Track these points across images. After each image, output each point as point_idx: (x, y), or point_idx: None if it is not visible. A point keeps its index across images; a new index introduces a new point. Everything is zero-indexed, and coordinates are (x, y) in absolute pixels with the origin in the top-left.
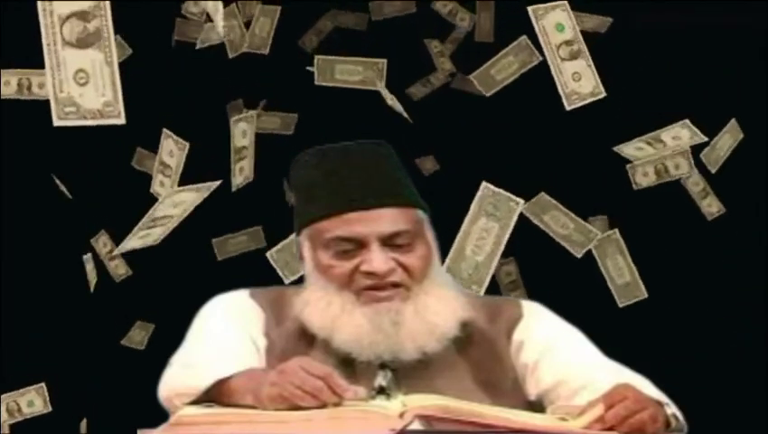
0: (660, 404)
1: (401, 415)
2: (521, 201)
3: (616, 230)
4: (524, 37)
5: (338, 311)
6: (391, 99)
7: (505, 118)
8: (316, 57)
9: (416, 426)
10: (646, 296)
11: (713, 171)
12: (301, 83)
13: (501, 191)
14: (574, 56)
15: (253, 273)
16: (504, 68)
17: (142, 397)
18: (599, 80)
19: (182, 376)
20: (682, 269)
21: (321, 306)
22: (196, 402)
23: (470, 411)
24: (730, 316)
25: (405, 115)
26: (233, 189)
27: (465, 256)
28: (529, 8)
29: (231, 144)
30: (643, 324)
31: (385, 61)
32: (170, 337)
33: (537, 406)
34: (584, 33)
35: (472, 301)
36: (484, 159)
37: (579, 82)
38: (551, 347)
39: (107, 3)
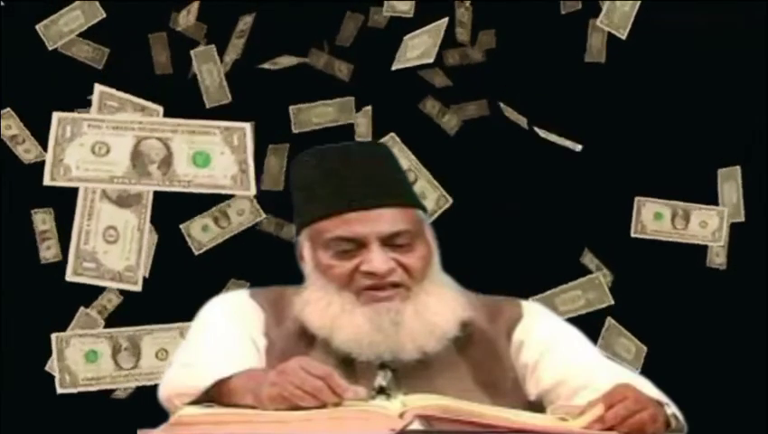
0: (660, 404)
1: (401, 415)
2: None
3: (609, 318)
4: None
5: (338, 311)
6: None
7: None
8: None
9: (416, 426)
10: (646, 349)
11: (743, 219)
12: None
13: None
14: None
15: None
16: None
17: None
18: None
19: (183, 376)
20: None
21: (321, 306)
22: (196, 402)
23: (470, 411)
24: (730, 317)
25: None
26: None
27: None
28: (537, 129)
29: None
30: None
31: (353, 98)
32: None
33: (537, 406)
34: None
35: (473, 301)
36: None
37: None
38: (551, 347)
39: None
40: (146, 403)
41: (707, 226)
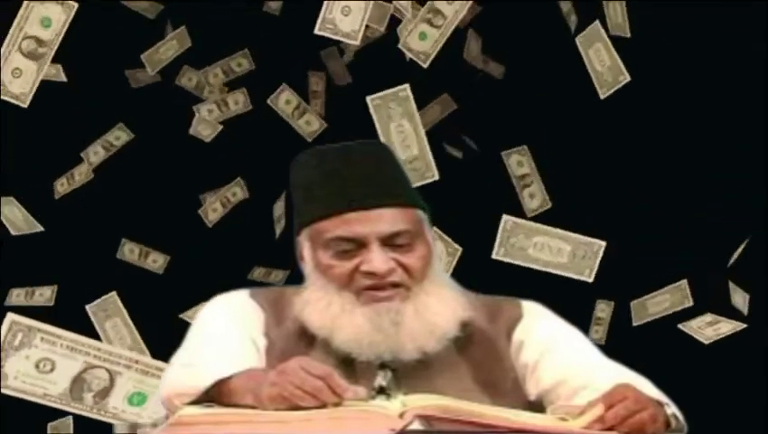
0: (660, 404)
1: (401, 415)
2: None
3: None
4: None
5: (338, 311)
6: None
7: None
8: None
9: (416, 426)
10: None
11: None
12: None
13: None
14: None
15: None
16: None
17: None
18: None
19: (183, 376)
20: None
21: (321, 306)
22: (196, 402)
23: (470, 411)
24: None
25: None
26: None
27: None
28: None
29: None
30: None
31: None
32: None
33: (537, 406)
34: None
35: (472, 301)
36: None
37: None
38: (551, 347)
39: None
40: None
41: (716, 326)
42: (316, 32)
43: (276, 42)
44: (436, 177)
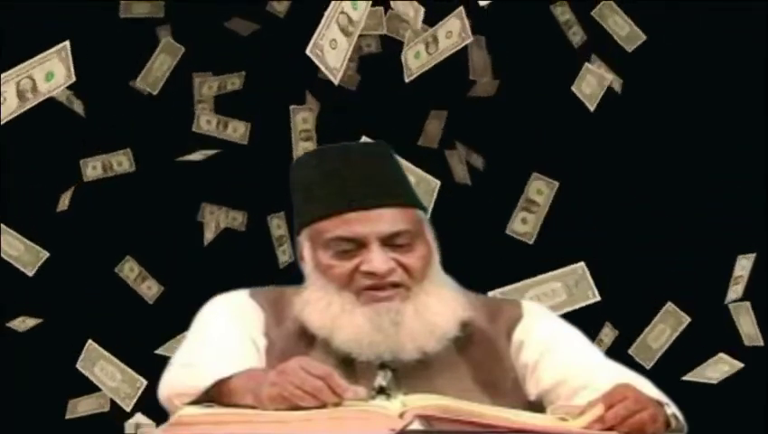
0: (660, 404)
1: (401, 415)
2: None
3: None
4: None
5: (338, 311)
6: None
7: None
8: None
9: (416, 426)
10: None
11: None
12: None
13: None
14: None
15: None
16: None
17: None
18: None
19: (182, 376)
20: None
21: (321, 306)
22: (196, 402)
23: (470, 411)
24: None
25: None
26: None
27: None
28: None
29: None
30: None
31: None
32: None
33: (537, 406)
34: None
35: (472, 301)
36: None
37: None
38: (551, 347)
39: None
40: None
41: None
42: (307, 52)
43: (277, 51)
44: (439, 183)
